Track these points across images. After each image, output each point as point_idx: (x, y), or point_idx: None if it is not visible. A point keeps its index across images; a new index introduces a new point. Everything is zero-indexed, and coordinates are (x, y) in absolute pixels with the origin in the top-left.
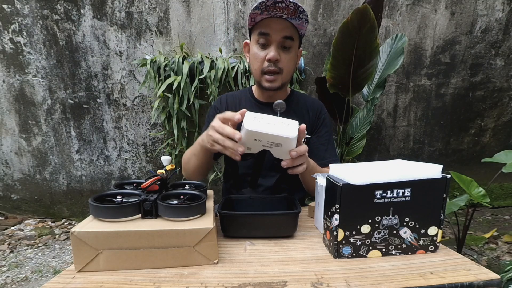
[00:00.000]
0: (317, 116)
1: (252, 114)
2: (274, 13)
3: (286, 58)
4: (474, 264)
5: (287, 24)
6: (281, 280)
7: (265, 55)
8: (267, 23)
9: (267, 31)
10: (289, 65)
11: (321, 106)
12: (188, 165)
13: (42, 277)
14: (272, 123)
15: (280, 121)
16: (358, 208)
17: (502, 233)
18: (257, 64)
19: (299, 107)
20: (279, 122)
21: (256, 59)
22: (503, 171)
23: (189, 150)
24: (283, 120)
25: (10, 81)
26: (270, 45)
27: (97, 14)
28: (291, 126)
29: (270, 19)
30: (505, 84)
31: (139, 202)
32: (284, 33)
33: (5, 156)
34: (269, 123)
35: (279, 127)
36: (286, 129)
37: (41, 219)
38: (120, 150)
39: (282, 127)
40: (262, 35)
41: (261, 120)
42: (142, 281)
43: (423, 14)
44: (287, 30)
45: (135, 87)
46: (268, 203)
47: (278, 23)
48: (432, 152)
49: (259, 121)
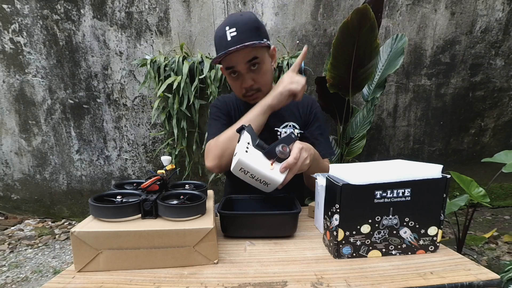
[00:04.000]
0: (308, 111)
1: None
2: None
3: (258, 77)
4: (474, 264)
5: (247, 50)
6: (281, 280)
7: (240, 83)
8: (228, 58)
9: (231, 65)
10: (263, 80)
11: (312, 100)
12: (226, 151)
13: (42, 277)
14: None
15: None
16: (358, 208)
17: (502, 233)
18: (237, 91)
19: (290, 104)
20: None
21: (234, 88)
22: (503, 171)
23: (222, 138)
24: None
25: (10, 81)
26: (240, 74)
27: (97, 14)
28: (277, 170)
29: (229, 54)
30: (505, 84)
31: (139, 202)
32: (247, 58)
33: (5, 156)
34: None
35: (270, 170)
36: (276, 174)
37: (41, 219)
38: (120, 150)
39: (273, 171)
40: (228, 69)
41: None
42: (142, 281)
43: (423, 14)
44: (249, 55)
45: (135, 87)
46: (268, 203)
47: (237, 54)
48: (432, 152)
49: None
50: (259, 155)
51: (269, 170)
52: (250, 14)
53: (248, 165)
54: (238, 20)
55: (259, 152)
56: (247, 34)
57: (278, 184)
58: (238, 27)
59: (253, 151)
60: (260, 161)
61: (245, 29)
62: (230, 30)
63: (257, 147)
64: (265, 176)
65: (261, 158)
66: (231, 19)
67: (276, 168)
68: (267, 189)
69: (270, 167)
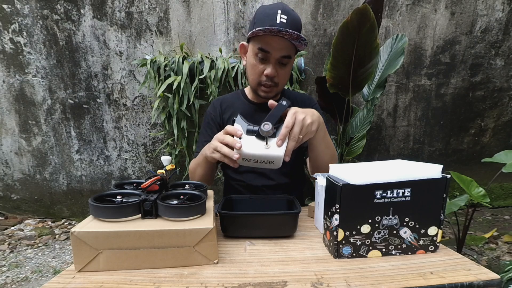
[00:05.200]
0: None
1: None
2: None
3: (282, 73)
4: (474, 264)
5: (287, 44)
6: (281, 280)
7: (263, 69)
8: (268, 40)
9: (267, 49)
10: (284, 78)
11: (310, 99)
12: (194, 175)
13: (42, 277)
14: (259, 145)
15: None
16: (358, 208)
17: (502, 233)
18: (255, 75)
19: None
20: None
21: (253, 70)
22: (503, 171)
23: (194, 160)
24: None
25: (10, 81)
26: (268, 61)
27: (97, 14)
28: (275, 145)
29: (271, 36)
30: (505, 84)
31: (139, 202)
32: (284, 52)
33: (5, 156)
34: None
35: (265, 148)
36: (274, 150)
37: (41, 219)
38: (120, 150)
39: (270, 148)
40: (262, 51)
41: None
42: (142, 281)
43: (423, 14)
44: (287, 49)
45: (135, 87)
46: (268, 203)
47: (278, 42)
48: (432, 152)
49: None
50: (252, 140)
51: (265, 149)
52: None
53: (245, 153)
54: (290, 12)
55: (252, 137)
56: (295, 28)
57: (280, 157)
58: (289, 17)
59: (245, 139)
60: (254, 145)
61: (294, 23)
62: (282, 15)
63: (249, 133)
64: (264, 156)
65: (254, 142)
66: (285, 8)
67: (272, 145)
68: (274, 166)
69: (265, 146)
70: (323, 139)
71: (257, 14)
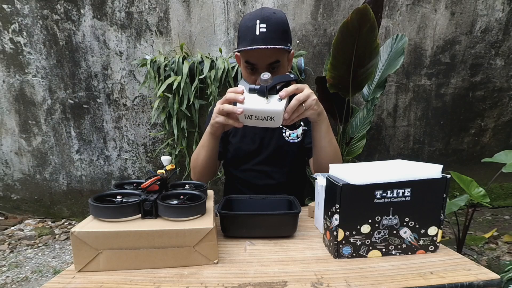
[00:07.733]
0: None
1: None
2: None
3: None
4: (474, 264)
5: (271, 51)
6: (281, 280)
7: (255, 79)
8: (252, 53)
9: (252, 61)
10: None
11: None
12: (197, 162)
13: (42, 277)
14: (260, 101)
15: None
16: (358, 208)
17: (502, 233)
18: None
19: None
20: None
21: (248, 80)
22: (503, 171)
23: (197, 148)
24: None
25: (10, 81)
26: (258, 71)
27: (97, 14)
28: (275, 101)
29: (254, 50)
30: (505, 84)
31: (139, 202)
32: (269, 60)
33: (5, 156)
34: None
35: (266, 104)
36: (274, 105)
37: (41, 219)
38: (120, 150)
39: (270, 103)
40: (248, 63)
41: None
42: (142, 281)
43: (423, 14)
44: (272, 56)
45: (135, 87)
46: (268, 203)
47: (261, 53)
48: (432, 152)
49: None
50: (253, 97)
51: (265, 104)
52: (282, 14)
53: (246, 108)
54: (270, 17)
55: (253, 94)
56: (277, 34)
57: (279, 112)
58: (268, 25)
59: (247, 96)
60: (255, 101)
61: (275, 29)
62: (260, 24)
63: (251, 91)
64: (264, 111)
65: (255, 98)
66: (264, 14)
67: (273, 101)
68: (275, 123)
69: (265, 101)
70: (326, 133)
71: (240, 27)
